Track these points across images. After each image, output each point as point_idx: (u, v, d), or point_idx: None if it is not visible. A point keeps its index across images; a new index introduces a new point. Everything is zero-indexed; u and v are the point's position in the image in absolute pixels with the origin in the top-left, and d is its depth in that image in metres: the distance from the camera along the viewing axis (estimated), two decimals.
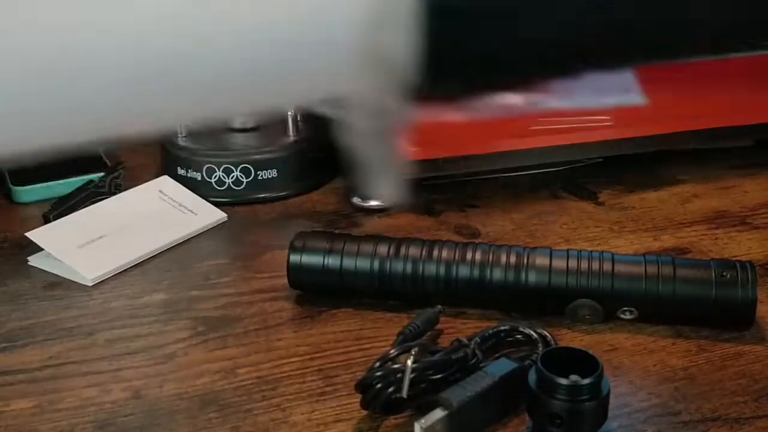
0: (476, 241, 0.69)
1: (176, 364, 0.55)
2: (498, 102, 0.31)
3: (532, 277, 0.57)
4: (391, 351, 0.50)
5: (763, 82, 0.84)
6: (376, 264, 0.59)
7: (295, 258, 0.60)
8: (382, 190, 0.30)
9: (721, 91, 0.83)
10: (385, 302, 0.60)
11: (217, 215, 0.74)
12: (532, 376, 0.45)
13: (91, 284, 0.64)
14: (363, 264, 0.59)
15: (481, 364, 0.50)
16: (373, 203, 0.76)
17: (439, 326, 0.57)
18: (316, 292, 0.61)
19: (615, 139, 0.79)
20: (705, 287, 0.55)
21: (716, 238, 0.69)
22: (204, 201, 0.75)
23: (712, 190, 0.78)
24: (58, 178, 0.78)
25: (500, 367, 0.49)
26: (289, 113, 0.80)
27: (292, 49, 0.27)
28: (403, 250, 0.59)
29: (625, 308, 0.57)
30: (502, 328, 0.55)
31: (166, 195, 0.75)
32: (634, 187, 0.79)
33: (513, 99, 0.31)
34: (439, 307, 0.57)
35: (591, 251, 0.58)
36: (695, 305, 0.56)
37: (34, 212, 0.75)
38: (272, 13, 0.26)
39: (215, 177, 0.77)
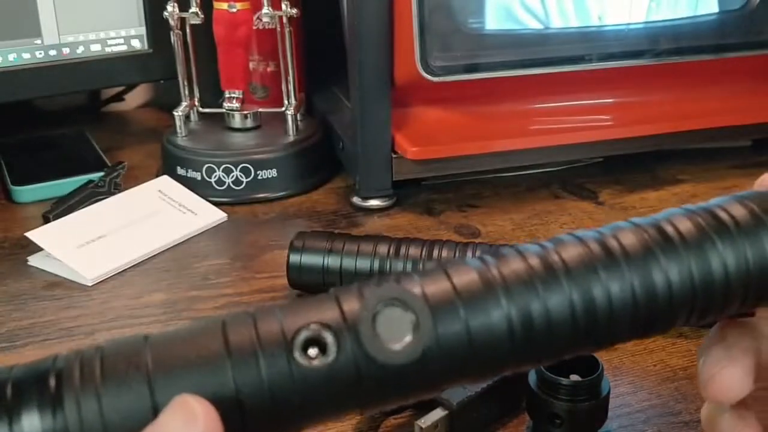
0: (476, 240, 0.69)
1: None
2: None
3: None
4: None
5: (762, 82, 0.84)
6: (376, 264, 0.58)
7: (294, 258, 0.60)
8: None
9: (720, 91, 0.83)
10: None
11: (217, 215, 0.74)
12: (532, 376, 0.45)
13: (90, 284, 0.64)
14: (363, 264, 0.59)
15: None
16: (373, 203, 0.76)
17: None
18: (316, 292, 0.61)
19: (615, 139, 0.79)
20: None
21: None
22: (204, 201, 0.75)
23: (712, 190, 0.78)
24: (58, 178, 0.78)
25: None
26: (289, 113, 0.80)
27: None
28: (403, 250, 0.59)
29: None
30: None
31: (165, 195, 0.75)
32: (634, 187, 0.80)
33: None
34: None
35: None
36: None
37: (34, 212, 0.75)
38: None
39: (215, 177, 0.77)
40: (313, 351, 0.25)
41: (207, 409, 0.24)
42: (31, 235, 0.67)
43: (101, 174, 0.78)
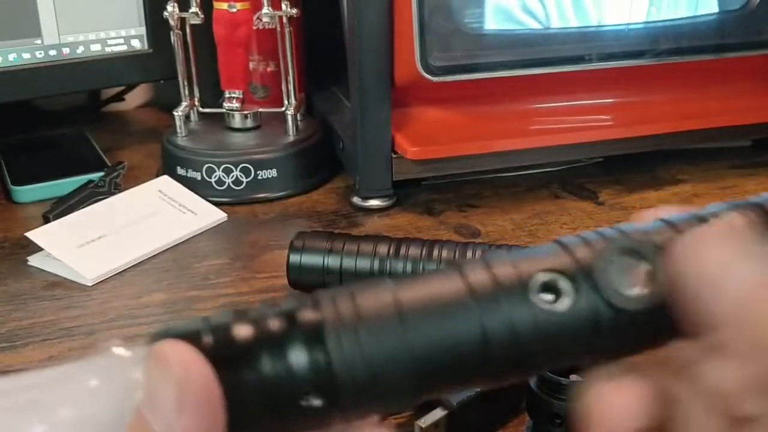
0: (476, 240, 0.69)
1: None
2: None
3: None
4: None
5: (762, 82, 0.84)
6: (376, 264, 0.58)
7: (294, 258, 0.60)
8: None
9: (720, 91, 0.83)
10: None
11: (217, 215, 0.74)
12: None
13: (90, 284, 0.64)
14: (363, 264, 0.59)
15: None
16: (373, 203, 0.76)
17: None
18: None
19: (615, 139, 0.79)
20: None
21: None
22: (204, 201, 0.75)
23: (712, 190, 0.78)
24: (58, 178, 0.78)
25: None
26: (289, 113, 0.80)
27: None
28: (403, 250, 0.59)
29: None
30: None
31: (165, 195, 0.75)
32: (634, 187, 0.80)
33: None
34: None
35: None
36: None
37: (34, 212, 0.75)
38: None
39: (215, 177, 0.77)
40: (549, 296, 0.25)
41: (178, 350, 0.23)
42: (31, 235, 0.67)
43: (101, 174, 0.78)
